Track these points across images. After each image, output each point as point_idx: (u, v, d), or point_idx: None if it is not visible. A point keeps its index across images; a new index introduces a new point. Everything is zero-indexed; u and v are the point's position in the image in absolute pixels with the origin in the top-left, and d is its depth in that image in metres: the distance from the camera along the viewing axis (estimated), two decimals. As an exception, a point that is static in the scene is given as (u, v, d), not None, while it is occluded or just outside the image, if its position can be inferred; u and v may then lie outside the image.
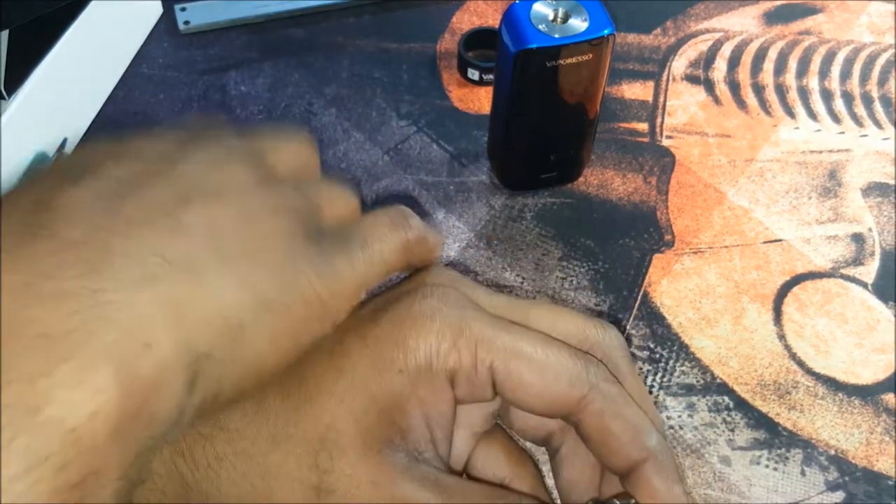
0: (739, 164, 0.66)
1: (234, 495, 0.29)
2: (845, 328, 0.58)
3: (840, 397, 0.55)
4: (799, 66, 0.72)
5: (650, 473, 0.30)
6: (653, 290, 0.59)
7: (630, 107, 0.69)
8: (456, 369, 0.30)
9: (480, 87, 0.69)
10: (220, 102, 0.68)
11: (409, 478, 0.29)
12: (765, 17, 0.76)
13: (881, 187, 0.65)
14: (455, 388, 0.30)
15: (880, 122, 0.69)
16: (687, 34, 0.74)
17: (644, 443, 0.30)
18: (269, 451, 0.29)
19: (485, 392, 0.31)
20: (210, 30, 0.72)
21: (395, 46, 0.72)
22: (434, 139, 0.66)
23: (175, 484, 0.29)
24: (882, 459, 0.53)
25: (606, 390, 0.30)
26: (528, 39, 0.54)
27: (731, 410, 0.54)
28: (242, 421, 0.29)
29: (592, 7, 0.55)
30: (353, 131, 0.67)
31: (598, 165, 0.65)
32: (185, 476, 0.29)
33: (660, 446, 0.30)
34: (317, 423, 0.29)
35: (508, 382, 0.30)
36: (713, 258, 0.61)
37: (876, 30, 0.75)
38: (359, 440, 0.29)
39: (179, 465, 0.29)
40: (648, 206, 0.63)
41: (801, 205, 0.64)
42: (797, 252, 0.61)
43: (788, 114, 0.69)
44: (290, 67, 0.71)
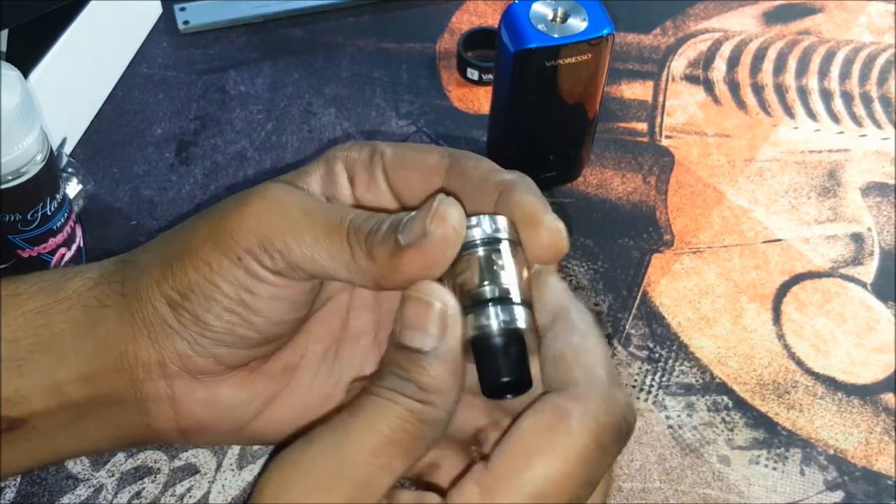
0: (739, 163, 0.66)
1: (156, 249, 0.34)
2: (844, 328, 0.58)
3: (839, 397, 0.55)
4: (798, 66, 0.72)
5: (512, 191, 0.33)
6: (652, 290, 0.59)
7: (629, 107, 0.69)
8: (354, 160, 0.35)
9: (480, 86, 0.69)
10: (220, 102, 0.68)
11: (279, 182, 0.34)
12: (764, 17, 0.76)
13: (880, 187, 0.65)
14: (353, 179, 0.35)
15: (879, 122, 0.69)
16: (686, 34, 0.74)
17: (504, 175, 0.33)
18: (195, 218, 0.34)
19: (377, 178, 0.35)
20: (210, 30, 0.72)
21: (395, 46, 0.72)
22: (433, 139, 0.66)
23: (119, 271, 0.34)
24: (881, 459, 0.53)
25: (470, 154, 0.35)
26: (527, 39, 0.54)
27: (730, 410, 0.54)
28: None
29: (592, 7, 0.55)
30: (352, 131, 0.67)
31: (597, 165, 0.65)
32: (127, 259, 0.34)
33: (517, 177, 0.33)
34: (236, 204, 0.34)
35: (393, 160, 0.35)
36: (712, 258, 0.61)
37: (875, 30, 0.75)
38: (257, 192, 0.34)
39: (127, 256, 0.35)
40: (648, 205, 0.63)
41: (800, 205, 0.64)
42: (796, 252, 0.61)
43: (788, 114, 0.69)
44: (290, 67, 0.71)
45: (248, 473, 0.50)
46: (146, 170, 0.64)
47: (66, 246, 0.54)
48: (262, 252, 0.32)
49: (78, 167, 0.60)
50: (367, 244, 0.31)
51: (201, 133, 0.66)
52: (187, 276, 0.32)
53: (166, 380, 0.34)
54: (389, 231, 0.31)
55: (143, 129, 0.66)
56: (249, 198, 0.33)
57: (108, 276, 0.34)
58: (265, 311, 0.33)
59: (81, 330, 0.33)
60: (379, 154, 0.35)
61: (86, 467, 0.50)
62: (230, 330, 0.33)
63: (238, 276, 0.32)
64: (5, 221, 0.51)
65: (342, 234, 0.32)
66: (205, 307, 0.33)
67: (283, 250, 0.32)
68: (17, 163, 0.49)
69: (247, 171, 0.64)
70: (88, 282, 0.34)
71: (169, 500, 0.49)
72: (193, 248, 0.33)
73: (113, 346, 0.33)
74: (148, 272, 0.33)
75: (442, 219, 0.30)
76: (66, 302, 0.33)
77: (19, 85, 0.48)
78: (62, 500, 0.49)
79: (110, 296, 0.33)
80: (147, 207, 0.62)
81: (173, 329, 0.33)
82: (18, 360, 0.33)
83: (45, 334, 0.33)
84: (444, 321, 0.30)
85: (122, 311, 0.33)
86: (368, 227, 0.31)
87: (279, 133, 0.66)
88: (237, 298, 0.33)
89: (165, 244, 0.34)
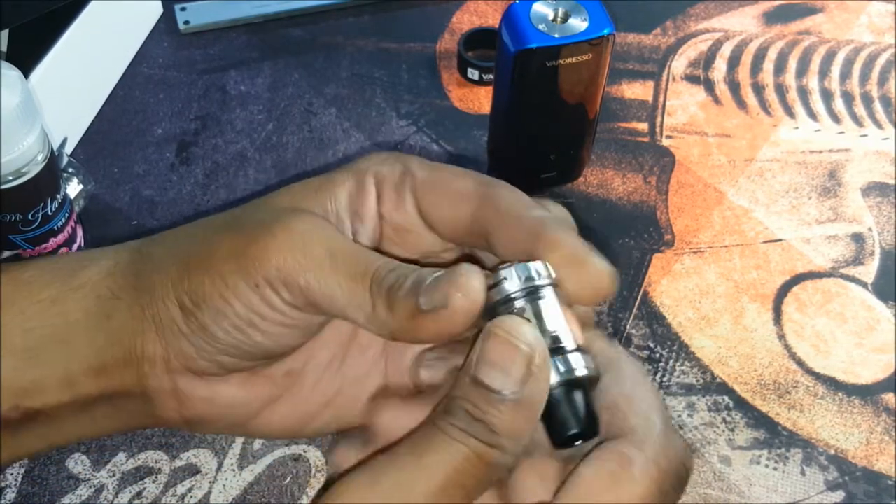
0: (739, 163, 0.66)
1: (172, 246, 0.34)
2: (845, 328, 0.58)
3: (840, 397, 0.55)
4: (799, 66, 0.72)
5: (551, 231, 0.32)
6: (652, 290, 0.59)
7: (630, 106, 0.69)
8: (384, 176, 0.35)
9: (480, 86, 0.69)
10: (221, 102, 0.68)
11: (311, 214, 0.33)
12: (764, 17, 0.76)
13: (881, 187, 0.65)
14: (381, 196, 0.35)
15: (880, 122, 0.69)
16: (687, 34, 0.74)
17: (541, 213, 0.33)
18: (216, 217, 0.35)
19: (405, 198, 0.35)
20: (210, 29, 0.72)
21: (395, 46, 0.72)
22: (434, 139, 0.67)
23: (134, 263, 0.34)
24: (882, 459, 0.53)
25: (503, 184, 0.34)
26: (527, 39, 0.54)
27: (730, 410, 0.54)
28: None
29: (592, 7, 0.55)
30: (352, 131, 0.67)
31: (597, 165, 0.65)
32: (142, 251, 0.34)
33: (555, 212, 0.33)
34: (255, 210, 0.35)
35: (425, 182, 0.35)
36: (713, 258, 0.61)
37: (876, 30, 0.75)
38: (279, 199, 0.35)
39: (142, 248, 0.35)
40: (648, 205, 0.63)
41: (800, 205, 0.64)
42: (797, 252, 0.61)
43: (788, 114, 0.69)
44: (290, 67, 0.71)
45: (248, 474, 0.50)
46: (147, 170, 0.64)
47: (67, 246, 0.54)
48: (282, 286, 0.32)
49: (78, 167, 0.60)
50: (388, 298, 0.31)
51: (202, 133, 0.66)
52: (203, 287, 0.32)
53: (170, 375, 0.34)
54: (412, 290, 0.31)
55: (144, 129, 0.66)
56: (277, 229, 0.32)
57: (122, 266, 0.34)
58: (273, 335, 0.33)
59: (94, 321, 0.33)
60: (411, 175, 0.35)
61: (86, 467, 0.50)
62: (235, 345, 0.33)
63: (252, 301, 0.32)
64: (6, 221, 0.51)
65: (366, 283, 0.31)
66: (214, 320, 0.33)
67: (303, 288, 0.32)
68: (17, 163, 0.49)
69: (247, 171, 0.64)
70: (102, 270, 0.34)
71: (170, 500, 0.49)
72: (214, 261, 0.33)
73: (123, 338, 0.33)
74: (164, 270, 0.33)
75: (465, 291, 0.30)
76: (81, 291, 0.33)
77: (20, 85, 0.48)
78: (63, 501, 0.49)
79: (123, 287, 0.34)
80: (147, 207, 0.62)
81: (181, 331, 0.33)
82: (33, 350, 0.33)
83: (59, 324, 0.33)
84: (529, 366, 0.29)
85: (133, 304, 0.33)
86: (392, 281, 0.31)
87: (280, 133, 0.66)
88: (247, 319, 0.33)
89: (183, 243, 0.34)
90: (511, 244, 0.33)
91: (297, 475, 0.51)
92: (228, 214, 0.35)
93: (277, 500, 0.50)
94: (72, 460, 0.50)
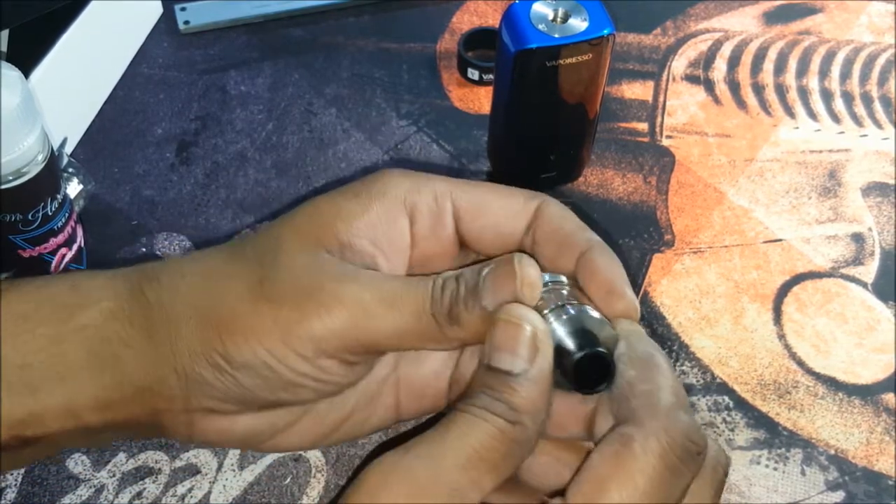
0: (739, 163, 0.66)
1: (188, 299, 0.33)
2: (845, 328, 0.58)
3: (840, 397, 0.55)
4: (799, 66, 0.72)
5: (595, 255, 0.34)
6: (653, 290, 0.59)
7: (630, 107, 0.69)
8: (415, 202, 0.34)
9: (480, 86, 0.69)
10: (221, 102, 0.68)
11: (345, 267, 0.32)
12: (764, 17, 0.76)
13: (881, 187, 0.65)
14: (414, 224, 0.34)
15: (880, 122, 0.69)
16: (687, 34, 0.74)
17: (588, 236, 0.34)
18: (226, 264, 0.33)
19: (445, 224, 0.35)
20: (210, 30, 0.72)
21: (395, 46, 0.72)
22: (434, 139, 0.67)
23: (141, 307, 0.33)
24: (882, 459, 0.53)
25: (553, 201, 0.35)
26: (527, 39, 0.54)
27: (730, 410, 0.54)
28: (209, 251, 0.34)
29: (592, 7, 0.55)
30: (353, 131, 0.67)
31: (597, 165, 0.65)
32: (148, 296, 0.33)
33: (601, 242, 0.34)
34: (266, 238, 0.34)
35: (469, 206, 0.35)
36: (713, 258, 0.61)
37: (876, 30, 0.75)
38: (297, 241, 0.33)
39: (145, 288, 0.33)
40: (648, 205, 0.63)
41: (800, 205, 0.64)
42: (797, 252, 0.61)
43: (788, 114, 0.69)
44: (290, 67, 0.71)
45: (248, 474, 0.50)
46: (147, 170, 0.64)
47: (67, 246, 0.54)
48: (344, 352, 0.32)
49: (79, 167, 0.60)
50: (452, 317, 0.32)
51: (202, 133, 0.66)
52: (243, 355, 0.32)
53: (187, 413, 0.34)
54: (471, 297, 0.31)
55: (144, 129, 0.66)
56: (327, 300, 0.32)
57: (126, 311, 0.33)
58: (322, 391, 0.34)
59: (99, 362, 0.33)
60: (447, 199, 0.35)
61: (87, 467, 0.50)
62: (275, 401, 0.34)
63: (306, 369, 0.32)
64: (6, 221, 0.51)
65: (427, 313, 0.32)
66: (256, 383, 0.33)
67: (367, 345, 0.32)
68: (17, 163, 0.49)
69: (247, 171, 0.64)
70: (104, 313, 0.33)
71: (170, 500, 0.49)
72: (255, 331, 0.32)
73: (136, 381, 0.33)
74: (185, 327, 0.32)
75: (526, 279, 0.31)
76: (82, 332, 0.33)
77: (20, 85, 0.48)
78: (63, 501, 0.49)
79: (134, 337, 0.33)
80: (148, 207, 0.62)
81: (210, 385, 0.33)
82: (32, 385, 0.32)
83: (59, 362, 0.32)
84: (534, 344, 0.31)
85: (148, 352, 0.33)
86: (448, 298, 0.32)
87: (280, 133, 0.66)
88: (296, 382, 0.33)
89: (203, 299, 0.33)
90: (555, 260, 0.34)
91: (297, 475, 0.51)
92: (249, 265, 0.33)
93: (277, 501, 0.50)
94: (72, 460, 0.50)
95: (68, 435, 0.33)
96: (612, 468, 0.29)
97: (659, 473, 0.29)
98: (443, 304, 0.32)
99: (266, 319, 0.32)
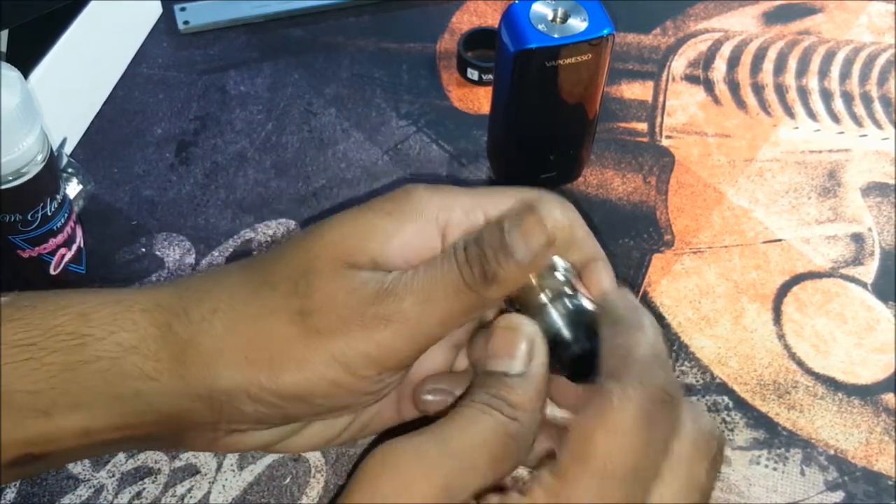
0: (739, 163, 0.66)
1: (227, 339, 0.32)
2: (845, 328, 0.58)
3: (839, 397, 0.55)
4: (798, 66, 0.72)
5: (601, 269, 0.35)
6: (652, 290, 0.59)
7: (629, 107, 0.69)
8: (447, 220, 0.34)
9: (480, 86, 0.69)
10: (220, 102, 0.68)
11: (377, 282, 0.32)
12: (764, 17, 0.76)
13: (881, 187, 0.65)
14: (446, 240, 0.34)
15: (880, 122, 0.69)
16: (686, 34, 0.74)
17: (598, 247, 0.36)
18: (258, 294, 0.33)
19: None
20: (210, 30, 0.72)
21: (395, 46, 0.72)
22: (434, 139, 0.67)
23: (169, 344, 0.32)
24: (881, 459, 0.53)
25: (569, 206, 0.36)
26: (527, 39, 0.54)
27: (730, 410, 0.54)
28: (234, 276, 0.34)
29: (592, 7, 0.55)
30: (352, 131, 0.67)
31: (597, 165, 0.65)
32: (180, 334, 0.32)
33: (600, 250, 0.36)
34: (296, 259, 0.33)
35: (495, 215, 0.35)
36: (713, 258, 0.61)
37: (875, 30, 0.75)
38: (330, 263, 0.33)
39: (174, 325, 0.32)
40: (648, 205, 0.63)
41: (800, 205, 0.64)
42: (797, 252, 0.61)
43: (788, 114, 0.69)
44: (290, 67, 0.71)
45: (248, 474, 0.50)
46: (146, 170, 0.64)
47: (67, 246, 0.54)
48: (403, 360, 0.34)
49: (78, 167, 0.60)
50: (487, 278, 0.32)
51: (201, 133, 0.66)
52: (299, 389, 0.33)
53: (214, 432, 0.34)
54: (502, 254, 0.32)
55: (144, 130, 0.66)
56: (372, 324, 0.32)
57: (153, 346, 0.33)
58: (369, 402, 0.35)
59: (118, 392, 0.32)
60: (479, 213, 0.35)
61: (86, 468, 0.50)
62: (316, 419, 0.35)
63: (370, 389, 0.34)
64: (5, 222, 0.51)
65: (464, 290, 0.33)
66: (306, 410, 0.33)
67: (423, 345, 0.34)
68: (17, 163, 0.49)
69: (247, 171, 0.64)
70: (123, 346, 0.32)
71: (169, 500, 0.49)
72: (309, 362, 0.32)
73: (161, 410, 0.33)
74: (227, 368, 0.32)
75: (551, 219, 0.33)
76: (96, 364, 0.32)
77: (19, 85, 0.48)
78: (62, 501, 0.49)
79: (162, 372, 0.32)
80: (147, 208, 0.62)
81: (246, 414, 0.33)
82: (44, 410, 0.32)
83: (73, 389, 0.32)
84: (531, 348, 0.33)
85: (178, 387, 0.32)
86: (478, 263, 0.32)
87: (279, 133, 0.66)
88: (346, 404, 0.34)
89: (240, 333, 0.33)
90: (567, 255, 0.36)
91: (297, 475, 0.51)
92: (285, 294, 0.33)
93: (277, 501, 0.50)
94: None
95: (80, 450, 0.33)
96: (596, 420, 0.30)
97: (638, 422, 0.30)
98: (474, 272, 0.32)
99: (321, 353, 0.32)
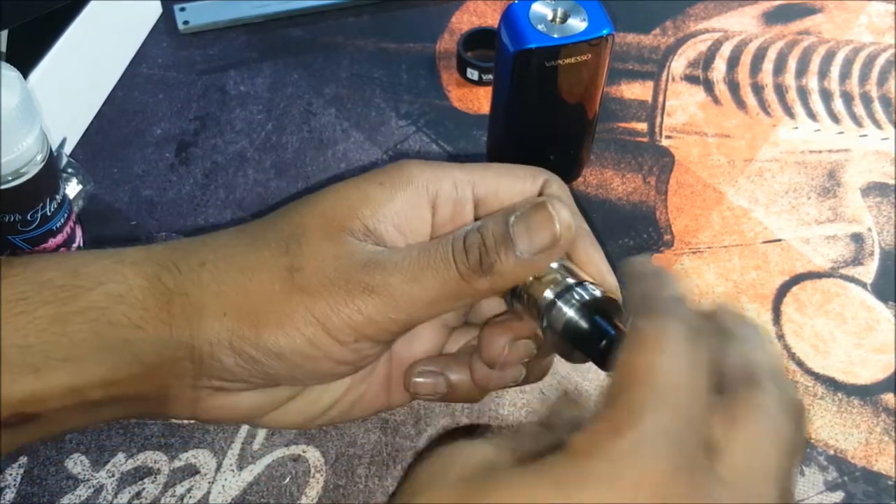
0: (739, 163, 0.66)
1: (213, 290, 0.33)
2: (844, 328, 0.58)
3: (839, 397, 0.55)
4: (798, 66, 0.72)
5: (588, 246, 0.36)
6: (652, 290, 0.59)
7: (629, 107, 0.69)
8: (437, 191, 0.35)
9: (479, 86, 0.69)
10: (220, 102, 0.68)
11: (368, 252, 0.33)
12: (764, 17, 0.76)
13: (880, 187, 0.65)
14: (436, 213, 0.35)
15: (879, 123, 0.69)
16: (686, 34, 0.74)
17: (581, 219, 0.37)
18: (248, 251, 0.34)
19: (465, 212, 0.36)
20: (209, 30, 0.72)
21: (395, 46, 0.72)
22: (433, 139, 0.67)
23: (156, 294, 0.33)
24: (881, 459, 0.53)
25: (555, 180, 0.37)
26: (527, 39, 0.54)
27: (730, 410, 0.54)
28: (224, 237, 0.35)
29: (591, 7, 0.55)
30: (352, 131, 0.67)
31: (597, 165, 0.65)
32: (168, 284, 0.33)
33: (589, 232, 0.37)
34: (289, 223, 0.34)
35: (486, 193, 0.36)
36: (712, 258, 0.61)
37: (875, 30, 0.75)
38: (321, 227, 0.33)
39: (163, 276, 0.33)
40: (647, 206, 0.63)
41: (800, 205, 0.64)
42: (796, 252, 0.61)
43: (788, 114, 0.69)
44: (290, 67, 0.71)
45: (247, 474, 0.50)
46: (146, 170, 0.64)
47: (66, 246, 0.54)
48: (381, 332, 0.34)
49: (78, 167, 0.60)
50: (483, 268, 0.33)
51: (201, 133, 0.66)
52: (279, 345, 0.33)
53: (195, 389, 0.34)
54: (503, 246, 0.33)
55: (143, 130, 0.66)
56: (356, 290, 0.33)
57: (140, 296, 0.33)
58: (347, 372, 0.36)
59: (106, 343, 0.33)
60: (468, 187, 0.36)
61: (86, 468, 0.50)
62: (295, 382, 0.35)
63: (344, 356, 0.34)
64: (5, 222, 0.51)
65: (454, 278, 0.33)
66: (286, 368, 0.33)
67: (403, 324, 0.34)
68: (16, 163, 0.49)
69: (246, 171, 0.64)
70: (111, 296, 0.33)
71: (169, 500, 0.49)
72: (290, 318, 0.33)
73: (145, 360, 0.33)
74: (211, 319, 0.33)
75: (561, 221, 0.33)
76: (86, 314, 0.33)
77: (19, 85, 0.48)
78: (62, 501, 0.49)
79: (147, 320, 0.33)
80: (147, 208, 0.62)
81: (227, 370, 0.33)
82: (34, 365, 0.32)
83: (63, 342, 0.32)
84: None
85: (163, 336, 0.33)
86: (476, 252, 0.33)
87: (279, 133, 0.66)
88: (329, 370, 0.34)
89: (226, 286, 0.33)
90: None
91: (297, 475, 0.51)
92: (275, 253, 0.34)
93: (276, 501, 0.50)
94: (71, 460, 0.50)
95: (71, 411, 0.33)
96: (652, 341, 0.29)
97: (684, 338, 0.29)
98: (469, 260, 0.33)
99: (302, 310, 0.33)
